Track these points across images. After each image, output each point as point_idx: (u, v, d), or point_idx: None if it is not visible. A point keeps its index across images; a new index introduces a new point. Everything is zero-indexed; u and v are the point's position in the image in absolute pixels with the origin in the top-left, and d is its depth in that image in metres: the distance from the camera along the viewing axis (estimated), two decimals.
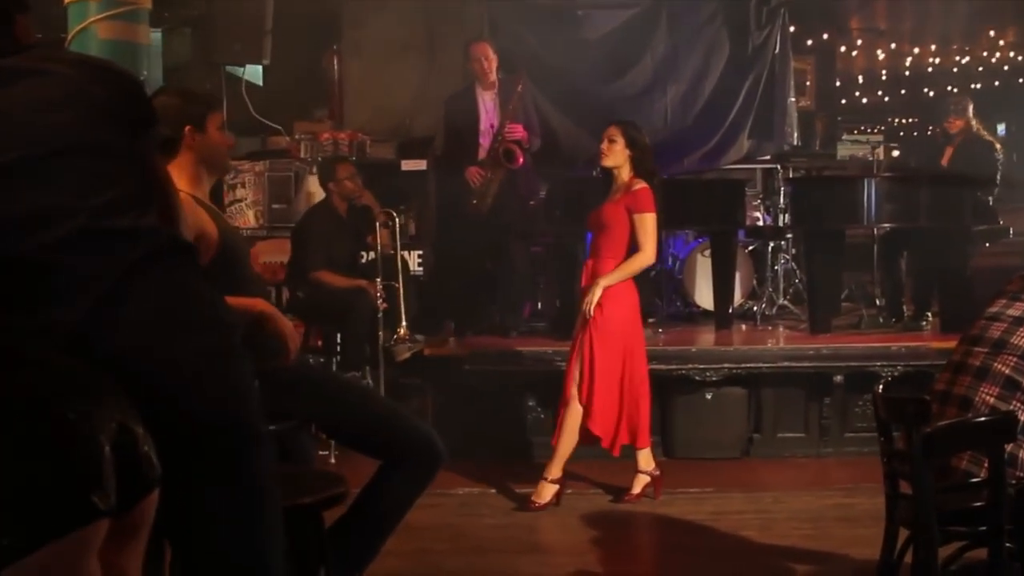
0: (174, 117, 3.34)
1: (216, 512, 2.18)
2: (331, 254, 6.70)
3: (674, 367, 6.49)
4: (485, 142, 7.10)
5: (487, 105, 7.17)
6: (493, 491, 5.92)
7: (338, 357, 6.68)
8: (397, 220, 6.74)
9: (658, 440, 6.54)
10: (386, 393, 6.96)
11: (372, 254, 6.76)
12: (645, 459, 5.63)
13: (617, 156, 5.52)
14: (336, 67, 8.05)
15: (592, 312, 5.39)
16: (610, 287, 5.41)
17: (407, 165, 7.33)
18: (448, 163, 7.36)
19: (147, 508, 2.05)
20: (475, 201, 7.07)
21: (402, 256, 7.00)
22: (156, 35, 7.03)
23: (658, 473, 5.65)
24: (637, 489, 5.60)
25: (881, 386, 3.61)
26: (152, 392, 2.04)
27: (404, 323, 6.55)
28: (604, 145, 5.55)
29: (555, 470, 5.50)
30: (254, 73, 7.92)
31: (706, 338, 7.36)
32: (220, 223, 3.33)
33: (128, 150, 2.18)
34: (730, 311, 7.58)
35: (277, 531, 2.30)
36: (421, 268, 7.33)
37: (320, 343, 6.91)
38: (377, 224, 6.66)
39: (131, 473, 1.95)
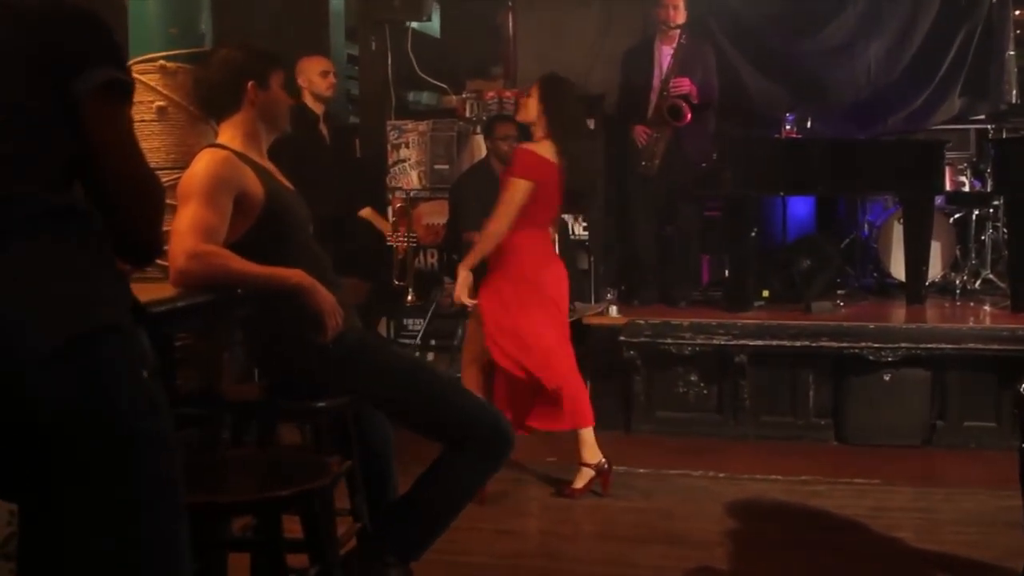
0: (236, 71, 3.16)
1: (76, 539, 1.74)
2: (487, 216, 6.44)
3: (846, 345, 5.94)
4: (656, 97, 6.69)
5: (663, 60, 6.74)
6: (641, 471, 5.56)
7: None
8: None
9: (829, 424, 6.05)
10: None
11: None
12: (589, 450, 5.14)
13: (530, 111, 4.97)
14: (511, 23, 7.77)
15: (466, 302, 4.95)
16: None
17: None
18: (619, 122, 6.98)
19: None
20: (644, 162, 6.68)
21: (564, 220, 6.69)
22: None
23: (607, 466, 5.14)
24: (580, 484, 5.11)
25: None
26: None
27: None
28: (522, 99, 5.08)
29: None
30: (431, 27, 7.75)
31: (892, 313, 6.73)
32: (270, 185, 3.11)
33: (39, 104, 1.82)
34: (923, 284, 6.90)
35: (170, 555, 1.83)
36: (587, 233, 6.98)
37: None
38: None
39: None
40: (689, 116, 6.48)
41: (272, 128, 3.27)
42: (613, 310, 6.50)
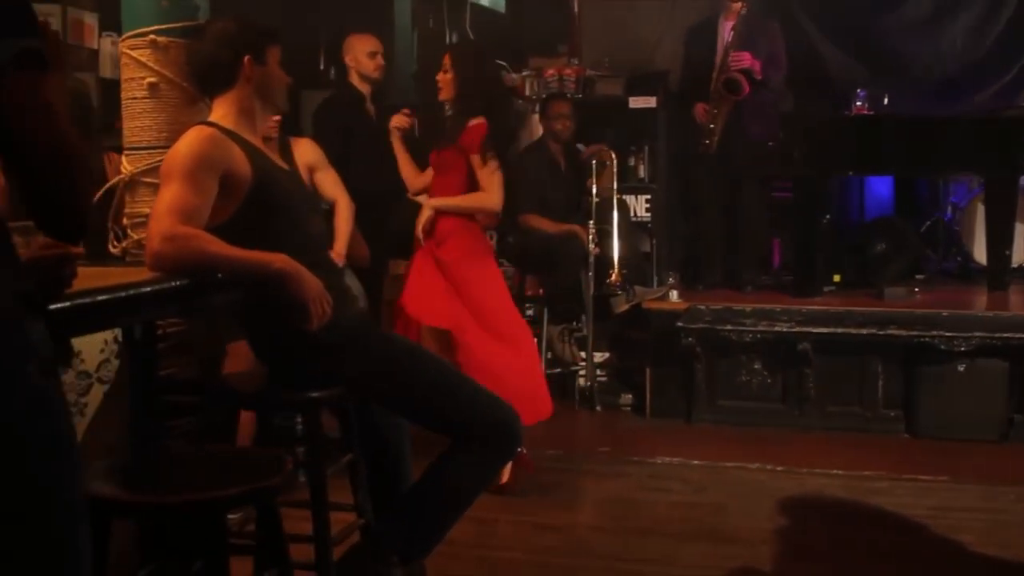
0: (231, 46, 3.02)
1: None
2: (543, 197, 6.27)
3: (917, 333, 5.62)
4: (716, 72, 6.41)
5: (726, 35, 6.46)
6: (696, 463, 5.33)
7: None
8: (613, 160, 6.22)
9: (899, 416, 5.75)
10: (606, 348, 6.53)
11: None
12: None
13: (447, 88, 4.80)
14: None
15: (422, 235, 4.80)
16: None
17: (635, 103, 6.73)
18: (681, 100, 6.73)
19: None
20: (705, 141, 6.41)
21: (623, 200, 6.47)
22: None
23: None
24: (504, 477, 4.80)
25: None
26: None
27: (615, 271, 6.04)
28: (439, 75, 4.85)
29: None
30: (496, 2, 7.58)
31: (971, 300, 6.36)
32: (259, 164, 2.95)
33: None
34: (1007, 269, 6.52)
35: None
36: (649, 214, 6.74)
37: (541, 292, 6.53)
38: (593, 164, 6.16)
39: None
40: (747, 90, 6.19)
41: (268, 105, 3.12)
42: (674, 295, 6.26)
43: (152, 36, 3.11)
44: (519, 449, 4.67)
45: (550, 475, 5.15)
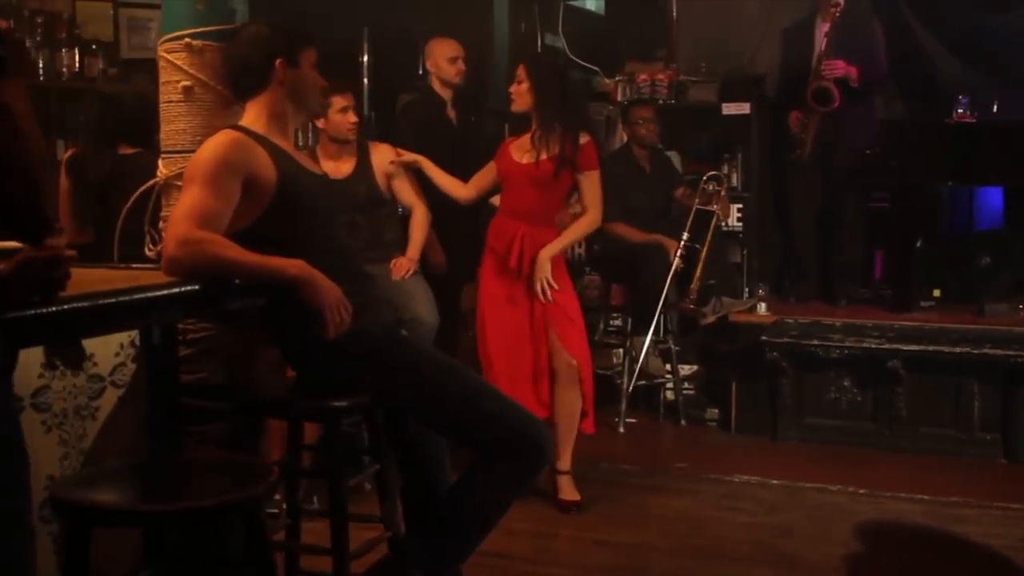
0: (263, 48, 2.99)
1: None
2: (627, 205, 6.13)
3: (1014, 353, 5.33)
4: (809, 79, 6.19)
5: (821, 39, 6.22)
6: (774, 482, 5.14)
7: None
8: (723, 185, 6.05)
9: (997, 439, 5.47)
10: (694, 360, 6.37)
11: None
12: None
13: (522, 99, 4.64)
14: (674, 2, 7.36)
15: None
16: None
17: (728, 108, 6.52)
18: (775, 106, 6.51)
19: None
20: (797, 150, 6.19)
21: (713, 212, 6.27)
22: None
23: None
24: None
25: None
26: None
27: (695, 286, 5.87)
28: (512, 87, 4.69)
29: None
30: (596, 5, 7.48)
31: None
32: (285, 168, 2.90)
33: None
34: None
35: None
36: (740, 224, 6.53)
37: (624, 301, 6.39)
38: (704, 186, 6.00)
39: None
40: (838, 102, 5.94)
41: (301, 109, 3.07)
42: (762, 307, 6.06)
43: (187, 39, 3.10)
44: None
45: (619, 490, 5.03)
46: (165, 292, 2.46)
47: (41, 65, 6.13)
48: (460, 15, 6.81)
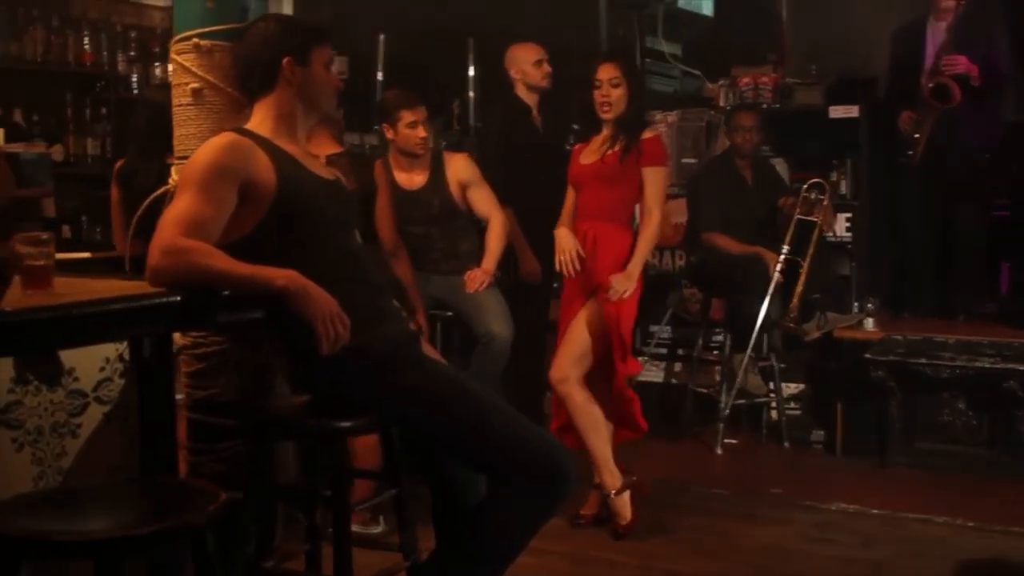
0: (272, 46, 2.83)
1: None
2: (727, 214, 5.83)
3: None
4: (926, 78, 5.79)
5: (934, 38, 5.81)
6: (874, 511, 4.78)
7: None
8: (826, 193, 5.69)
9: None
10: (800, 379, 6.02)
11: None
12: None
13: (619, 104, 4.39)
14: (784, 3, 7.02)
15: None
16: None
17: (835, 112, 6.14)
18: (886, 109, 6.11)
19: None
20: (909, 152, 5.79)
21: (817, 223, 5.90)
22: None
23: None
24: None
25: None
26: None
27: (796, 303, 5.52)
28: (604, 90, 4.37)
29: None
30: (697, 4, 7.20)
31: None
32: (286, 172, 2.72)
33: None
34: None
35: None
36: (849, 234, 6.14)
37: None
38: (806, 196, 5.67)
39: None
40: (959, 98, 5.52)
41: (312, 110, 2.90)
42: (869, 322, 5.67)
43: (196, 40, 2.96)
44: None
45: (705, 516, 4.74)
46: (140, 303, 2.32)
47: (135, 79, 6.16)
48: (564, 20, 6.62)
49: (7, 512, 1.97)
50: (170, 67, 3.06)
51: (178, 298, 2.39)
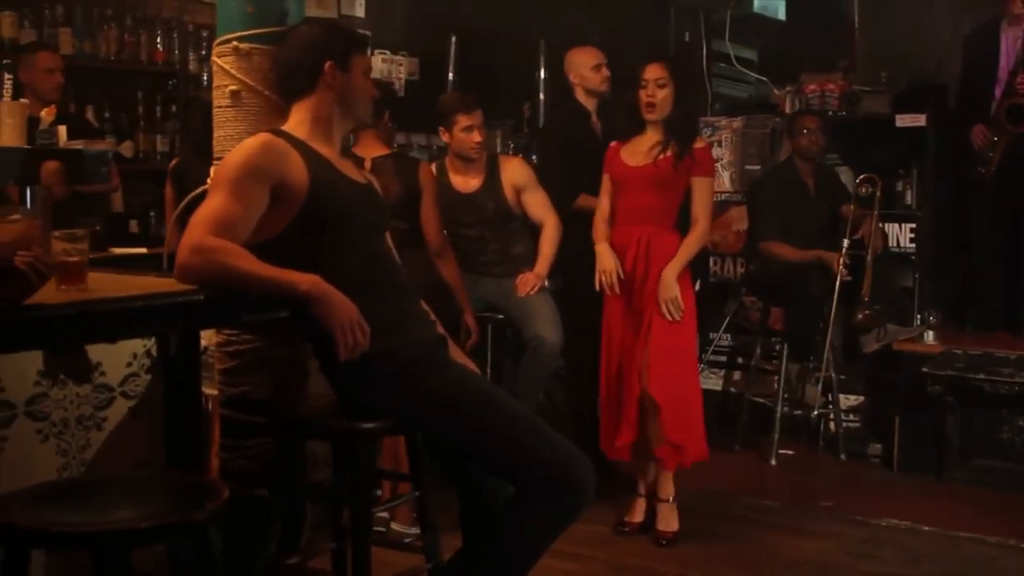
0: (315, 49, 2.87)
1: None
2: (787, 222, 5.76)
3: None
4: (1000, 93, 5.66)
5: (1008, 45, 5.69)
6: (925, 528, 4.69)
7: None
8: (877, 186, 5.60)
9: None
10: (860, 391, 5.92)
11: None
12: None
13: (664, 106, 4.38)
14: (856, 9, 6.91)
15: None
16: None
17: (902, 120, 6.02)
18: (956, 118, 5.99)
19: None
20: (981, 168, 5.67)
21: (883, 229, 5.82)
22: None
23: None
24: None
25: None
26: None
27: (866, 306, 5.45)
28: (650, 90, 4.35)
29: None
30: (774, 8, 7.14)
31: None
32: (319, 175, 2.76)
33: None
34: None
35: None
36: (913, 244, 6.02)
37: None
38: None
39: None
40: None
41: (348, 116, 2.93)
42: (929, 335, 5.57)
43: (235, 43, 3.02)
44: None
45: (753, 528, 4.70)
46: (162, 301, 2.37)
47: (205, 77, 6.25)
48: (634, 25, 6.60)
49: (16, 501, 2.03)
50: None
51: (201, 297, 2.43)
